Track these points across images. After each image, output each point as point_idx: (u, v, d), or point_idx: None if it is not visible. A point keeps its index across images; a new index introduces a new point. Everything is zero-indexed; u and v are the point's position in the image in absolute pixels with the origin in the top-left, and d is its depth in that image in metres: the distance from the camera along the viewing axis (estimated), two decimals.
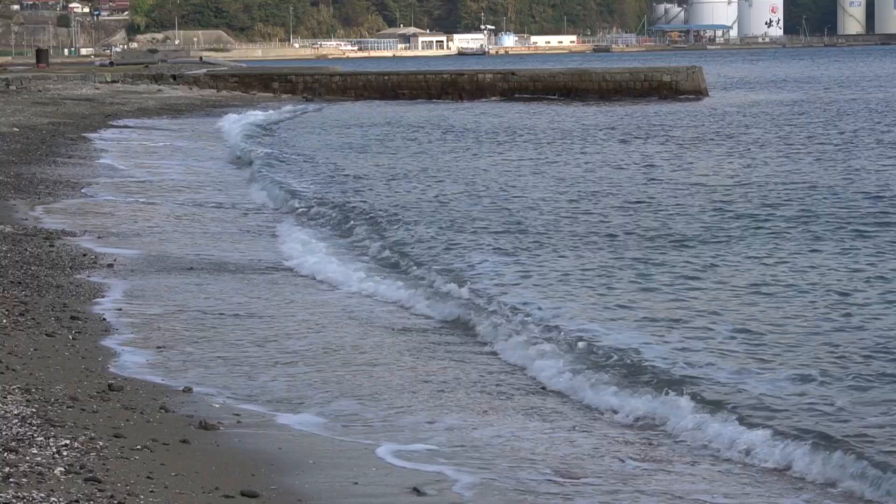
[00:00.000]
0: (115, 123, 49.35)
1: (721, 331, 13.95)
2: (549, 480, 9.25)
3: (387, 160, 36.30)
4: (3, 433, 9.19)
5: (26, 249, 18.50)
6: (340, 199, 26.54)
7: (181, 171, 32.66)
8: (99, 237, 20.63)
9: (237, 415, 10.74)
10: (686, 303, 15.60)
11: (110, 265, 17.98)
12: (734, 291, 16.20)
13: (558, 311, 15.08)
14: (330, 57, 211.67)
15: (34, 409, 10.00)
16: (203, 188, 29.06)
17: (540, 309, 15.16)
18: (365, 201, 26.37)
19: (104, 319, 14.41)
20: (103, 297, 15.74)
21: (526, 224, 22.58)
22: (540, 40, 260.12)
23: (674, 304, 15.57)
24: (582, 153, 37.82)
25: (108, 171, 32.06)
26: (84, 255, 18.62)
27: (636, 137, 43.30)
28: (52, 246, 19.10)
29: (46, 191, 26.62)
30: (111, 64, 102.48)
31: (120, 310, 14.97)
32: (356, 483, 9.13)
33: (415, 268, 17.93)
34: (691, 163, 34.08)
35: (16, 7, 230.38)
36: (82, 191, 27.30)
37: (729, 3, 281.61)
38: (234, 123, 49.52)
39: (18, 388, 10.67)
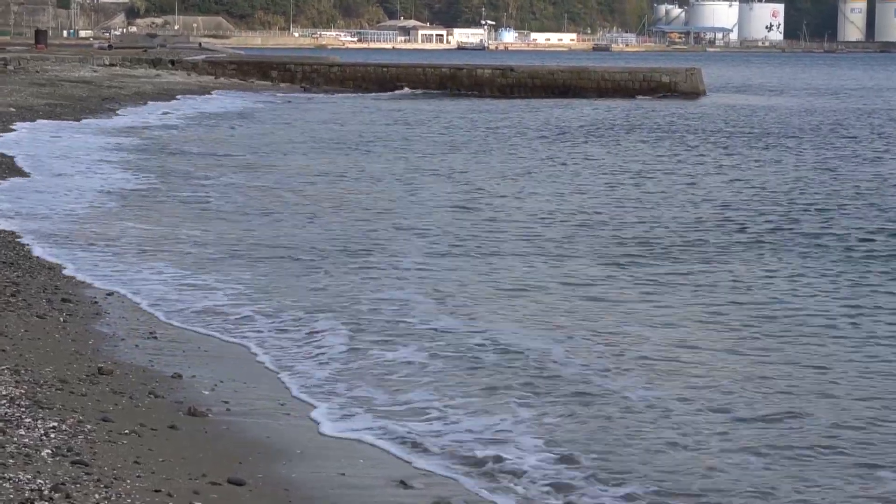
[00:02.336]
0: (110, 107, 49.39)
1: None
2: None
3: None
4: None
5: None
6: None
7: None
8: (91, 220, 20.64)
9: (226, 402, 10.74)
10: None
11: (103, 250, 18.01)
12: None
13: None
14: (329, 47, 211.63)
15: (23, 391, 9.99)
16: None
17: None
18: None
19: (95, 303, 14.40)
20: (95, 280, 15.73)
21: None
22: (540, 37, 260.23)
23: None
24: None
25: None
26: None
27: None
28: None
29: None
30: (110, 47, 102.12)
31: (111, 293, 14.96)
32: (343, 474, 9.13)
33: None
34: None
35: None
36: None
37: (730, 5, 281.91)
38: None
39: (8, 368, 10.66)
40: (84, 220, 20.80)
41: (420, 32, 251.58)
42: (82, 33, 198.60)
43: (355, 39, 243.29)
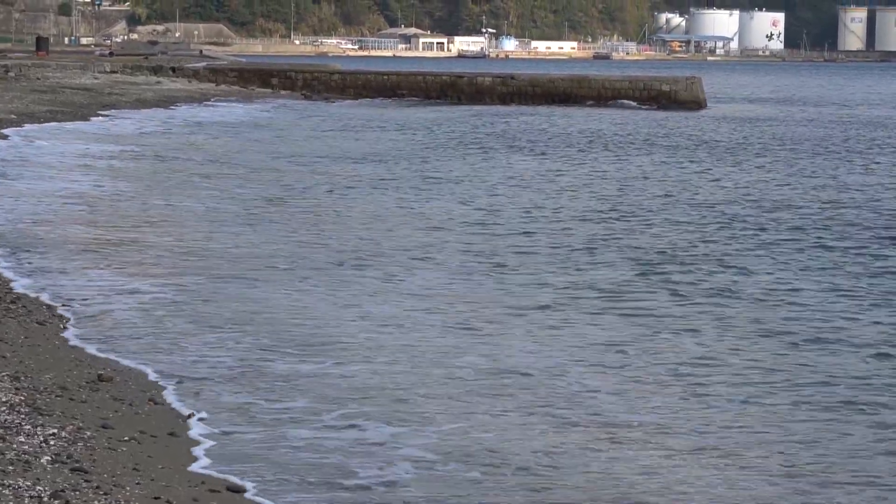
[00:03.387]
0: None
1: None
2: None
3: None
4: None
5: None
6: None
7: None
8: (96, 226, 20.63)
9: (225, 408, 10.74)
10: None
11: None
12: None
13: None
14: (330, 55, 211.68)
15: (23, 398, 9.99)
16: None
17: None
18: None
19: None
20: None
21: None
22: (541, 45, 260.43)
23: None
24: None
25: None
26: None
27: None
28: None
29: None
30: (111, 54, 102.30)
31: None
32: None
33: None
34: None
35: None
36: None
37: (730, 14, 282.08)
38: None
39: (7, 375, 10.66)
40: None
41: (421, 40, 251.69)
42: (83, 40, 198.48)
43: (356, 47, 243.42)
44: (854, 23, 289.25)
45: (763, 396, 11.48)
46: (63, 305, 14.32)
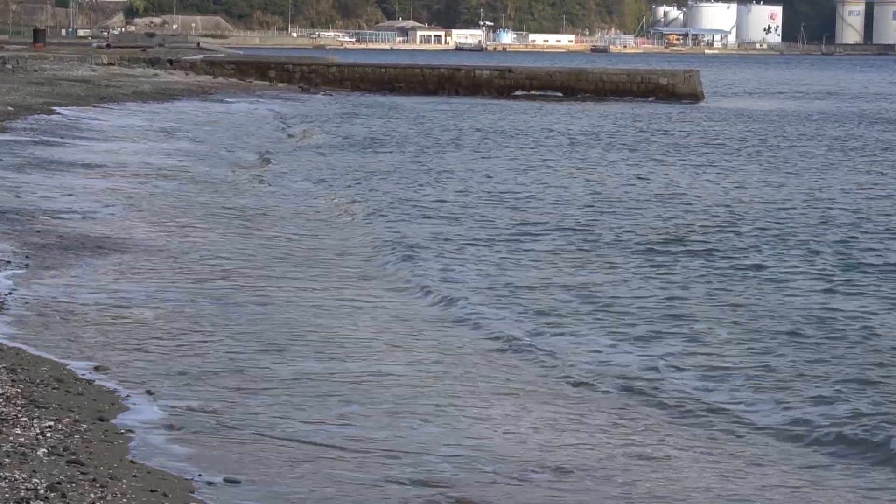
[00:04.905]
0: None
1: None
2: None
3: None
4: None
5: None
6: None
7: None
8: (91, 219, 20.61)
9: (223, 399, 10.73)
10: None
11: (99, 247, 17.98)
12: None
13: None
14: (328, 47, 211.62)
15: (19, 390, 9.98)
16: None
17: None
18: None
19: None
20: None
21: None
22: (538, 38, 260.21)
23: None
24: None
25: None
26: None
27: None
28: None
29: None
30: (108, 46, 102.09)
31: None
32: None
33: None
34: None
35: None
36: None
37: (728, 7, 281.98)
38: None
39: (4, 367, 10.65)
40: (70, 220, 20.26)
41: (418, 33, 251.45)
42: (81, 32, 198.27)
43: (353, 40, 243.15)
44: (852, 16, 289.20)
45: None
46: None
